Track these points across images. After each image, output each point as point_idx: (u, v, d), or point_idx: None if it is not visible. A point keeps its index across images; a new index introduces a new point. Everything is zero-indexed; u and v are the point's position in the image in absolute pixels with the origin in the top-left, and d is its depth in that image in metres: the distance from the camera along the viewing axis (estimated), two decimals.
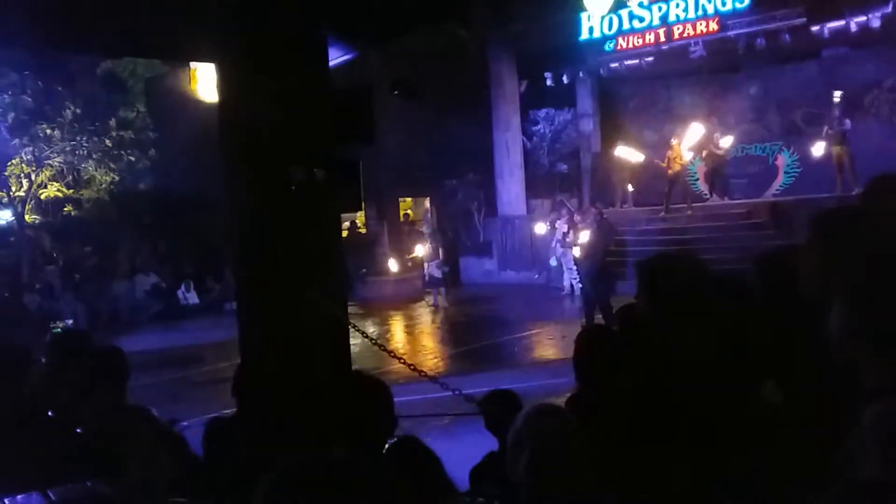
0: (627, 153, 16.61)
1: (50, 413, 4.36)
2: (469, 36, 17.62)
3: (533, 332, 11.86)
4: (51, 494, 3.30)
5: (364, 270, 17.49)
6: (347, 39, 4.29)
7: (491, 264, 18.38)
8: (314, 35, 3.92)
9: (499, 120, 18.31)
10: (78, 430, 4.01)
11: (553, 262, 15.35)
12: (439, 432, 5.52)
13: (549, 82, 18.74)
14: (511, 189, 18.38)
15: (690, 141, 15.64)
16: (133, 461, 3.34)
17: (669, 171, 15.47)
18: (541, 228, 16.58)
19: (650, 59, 17.33)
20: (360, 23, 4.30)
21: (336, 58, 4.19)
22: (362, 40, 4.61)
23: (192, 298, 16.49)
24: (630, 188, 17.44)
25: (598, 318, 10.27)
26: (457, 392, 3.47)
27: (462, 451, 3.15)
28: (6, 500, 3.22)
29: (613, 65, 18.15)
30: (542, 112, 19.79)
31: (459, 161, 18.91)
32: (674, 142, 15.59)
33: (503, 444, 2.86)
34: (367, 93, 4.07)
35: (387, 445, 2.45)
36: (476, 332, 12.47)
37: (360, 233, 20.90)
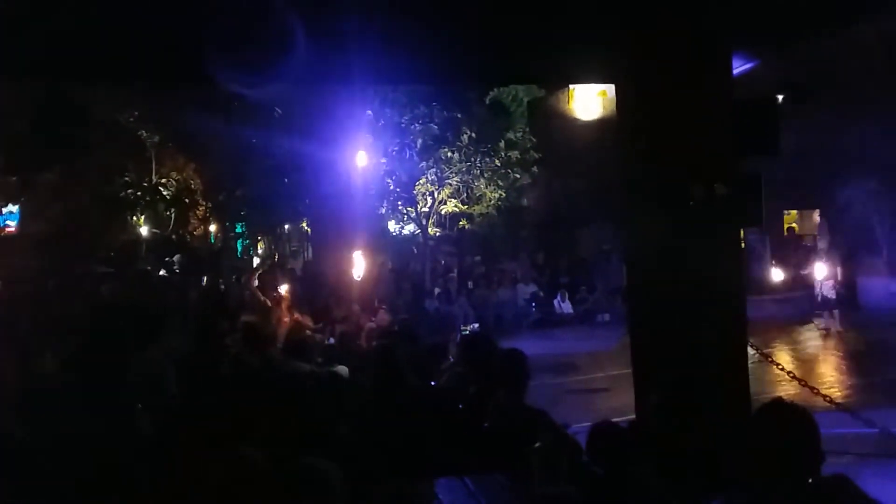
0: None
1: (460, 406, 4.89)
2: (874, 30, 15.65)
3: None
4: (468, 482, 3.70)
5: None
6: (750, 47, 4.11)
7: None
8: (717, 47, 3.84)
9: None
10: (485, 424, 4.43)
11: None
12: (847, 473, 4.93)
13: None
14: None
15: None
16: (537, 460, 3.58)
17: None
18: None
19: None
20: (765, 28, 4.08)
21: (738, 67, 4.04)
22: (766, 46, 4.37)
23: (567, 308, 17.16)
24: None
25: None
26: (883, 430, 3.08)
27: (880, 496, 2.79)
28: (429, 482, 3.68)
29: None
30: None
31: (858, 168, 16.87)
32: None
33: None
34: (772, 103, 3.87)
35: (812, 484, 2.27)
36: (880, 361, 10.93)
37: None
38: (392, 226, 19.55)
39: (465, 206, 17.87)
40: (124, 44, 4.06)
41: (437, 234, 18.68)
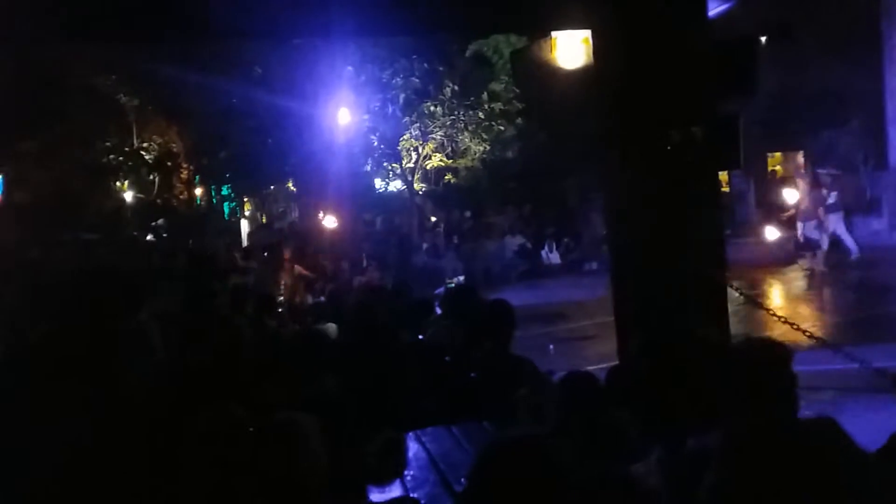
0: None
1: (447, 358, 4.95)
2: None
3: None
4: (454, 430, 3.77)
5: (728, 231, 16.57)
6: None
7: (880, 224, 16.16)
8: None
9: (892, 58, 15.93)
10: (472, 375, 4.50)
11: None
12: (826, 409, 5.05)
13: None
14: None
15: None
16: (522, 407, 3.65)
17: None
18: None
19: None
20: None
21: (716, 7, 4.01)
22: None
23: (555, 258, 17.24)
24: None
25: None
26: (863, 364, 3.13)
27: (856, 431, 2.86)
28: (415, 433, 3.74)
29: None
30: None
31: (840, 108, 16.84)
32: None
33: None
34: (751, 43, 3.85)
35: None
36: (865, 299, 11.08)
37: (723, 191, 19.80)
38: (378, 182, 19.47)
39: (450, 161, 17.78)
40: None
41: (423, 189, 18.62)
